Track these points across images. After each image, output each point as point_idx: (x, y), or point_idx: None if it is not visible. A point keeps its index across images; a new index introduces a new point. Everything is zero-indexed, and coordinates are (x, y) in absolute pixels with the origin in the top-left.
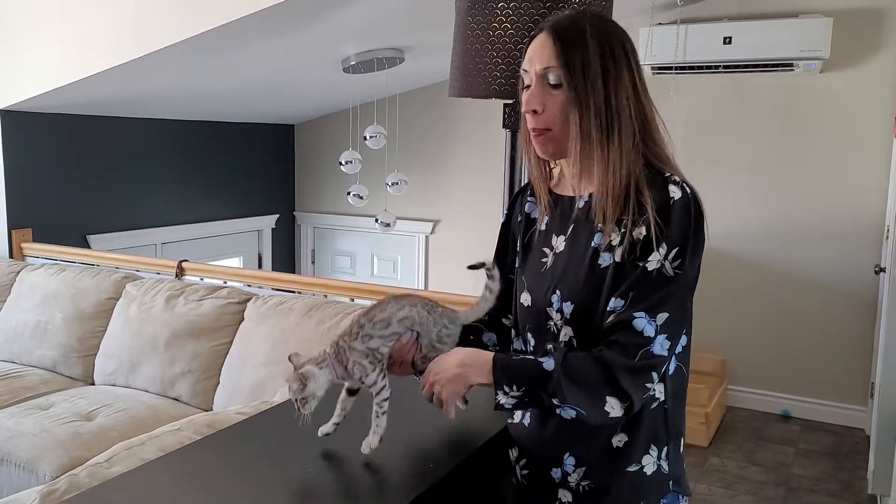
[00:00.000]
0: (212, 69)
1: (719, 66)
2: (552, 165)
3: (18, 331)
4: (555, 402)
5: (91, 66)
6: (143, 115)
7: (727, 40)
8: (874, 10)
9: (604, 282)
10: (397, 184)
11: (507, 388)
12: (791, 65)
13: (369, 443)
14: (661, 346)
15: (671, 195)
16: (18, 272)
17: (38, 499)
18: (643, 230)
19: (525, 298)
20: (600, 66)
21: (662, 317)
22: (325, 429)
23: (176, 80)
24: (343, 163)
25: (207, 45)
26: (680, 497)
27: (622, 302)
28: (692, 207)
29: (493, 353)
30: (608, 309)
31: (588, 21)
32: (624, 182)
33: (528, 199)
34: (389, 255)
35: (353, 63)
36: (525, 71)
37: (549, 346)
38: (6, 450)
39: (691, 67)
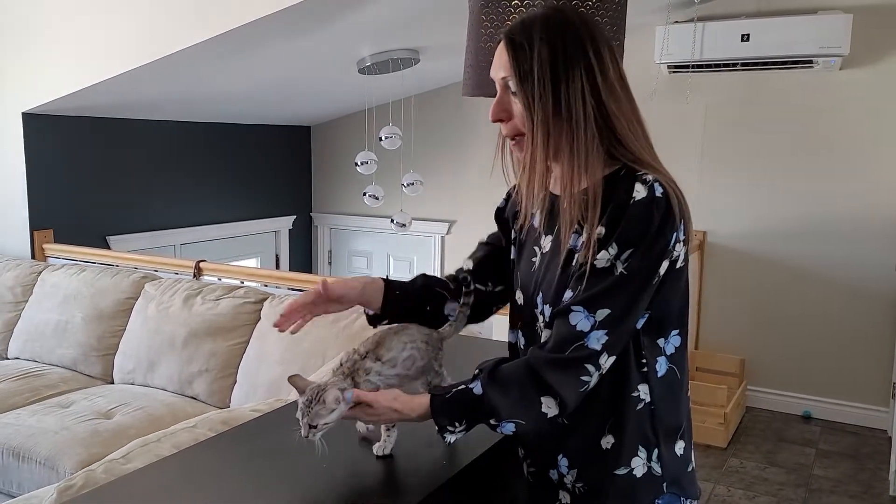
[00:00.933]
0: (229, 71)
1: (737, 63)
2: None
3: (40, 330)
4: (492, 422)
5: (111, 69)
6: (162, 118)
7: (745, 38)
8: (894, 6)
9: None
10: (413, 184)
11: (451, 428)
12: (810, 62)
13: (382, 447)
14: (596, 340)
15: (634, 194)
16: (40, 272)
17: (55, 494)
18: (601, 230)
19: (518, 296)
20: (550, 71)
21: (603, 313)
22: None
23: (194, 82)
24: (359, 163)
25: (224, 48)
26: (682, 499)
27: (569, 294)
28: (658, 206)
29: (428, 397)
30: (561, 301)
31: (541, 23)
32: (585, 184)
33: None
34: (405, 255)
35: (369, 64)
36: (492, 79)
37: (477, 371)
38: (27, 447)
39: (708, 66)
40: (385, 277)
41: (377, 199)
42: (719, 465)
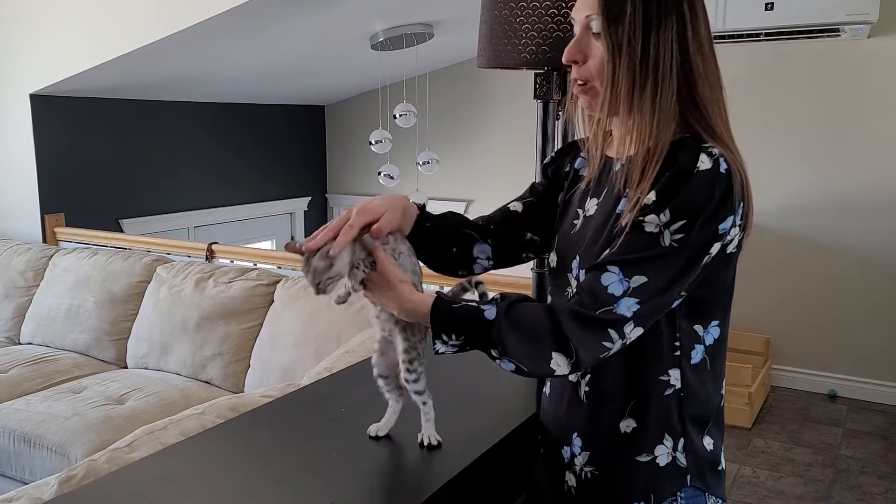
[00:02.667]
0: (240, 49)
1: (760, 33)
2: (607, 126)
3: (51, 315)
4: (494, 353)
5: (119, 47)
6: (173, 99)
7: (769, 6)
8: None
9: None
10: (428, 163)
11: (445, 337)
12: (837, 30)
13: (378, 428)
14: (627, 307)
15: (698, 164)
16: (51, 256)
17: (55, 485)
18: (653, 195)
19: (552, 259)
20: (643, 14)
21: (639, 280)
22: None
23: (205, 60)
24: (373, 142)
25: (235, 23)
26: (707, 496)
27: (606, 251)
28: (720, 183)
29: (431, 299)
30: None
31: None
32: (654, 143)
33: (582, 154)
34: None
35: (382, 40)
36: (573, 19)
37: (496, 295)
38: (39, 433)
39: (731, 36)
40: (422, 206)
41: (392, 178)
42: (744, 445)
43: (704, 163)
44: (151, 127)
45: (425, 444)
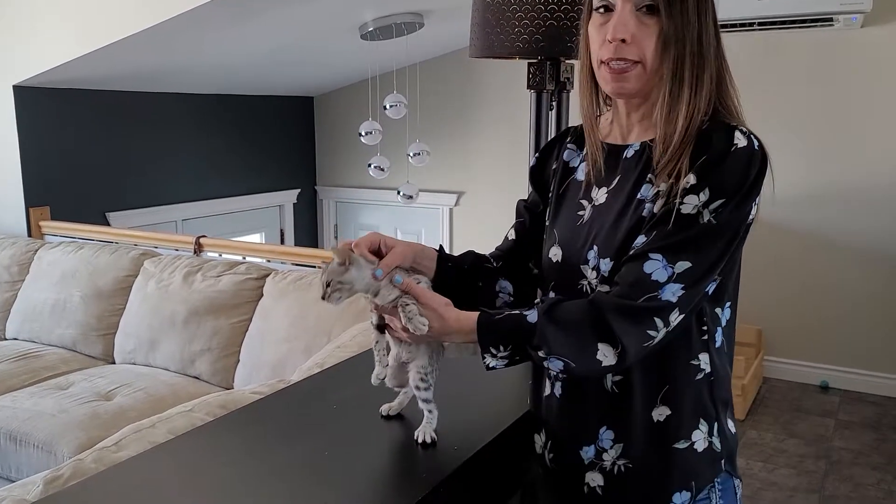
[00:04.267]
0: (228, 39)
1: (754, 23)
2: (603, 111)
3: (37, 310)
4: (541, 354)
5: (104, 37)
6: (160, 90)
7: None
8: None
9: None
10: (419, 154)
11: (493, 350)
12: (830, 20)
13: (424, 431)
14: (672, 293)
15: (735, 141)
16: (36, 251)
17: (41, 486)
18: (692, 178)
19: (555, 253)
20: None
21: (683, 265)
22: (377, 379)
23: (191, 50)
24: (363, 134)
25: (222, 13)
26: (734, 479)
27: (643, 238)
28: (755, 159)
29: (476, 314)
30: (632, 246)
31: None
32: (686, 127)
33: (569, 146)
34: (413, 228)
35: (371, 29)
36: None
37: (537, 300)
38: (25, 430)
39: (724, 25)
40: (439, 247)
41: (383, 170)
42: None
43: (741, 140)
44: (138, 118)
45: (420, 441)
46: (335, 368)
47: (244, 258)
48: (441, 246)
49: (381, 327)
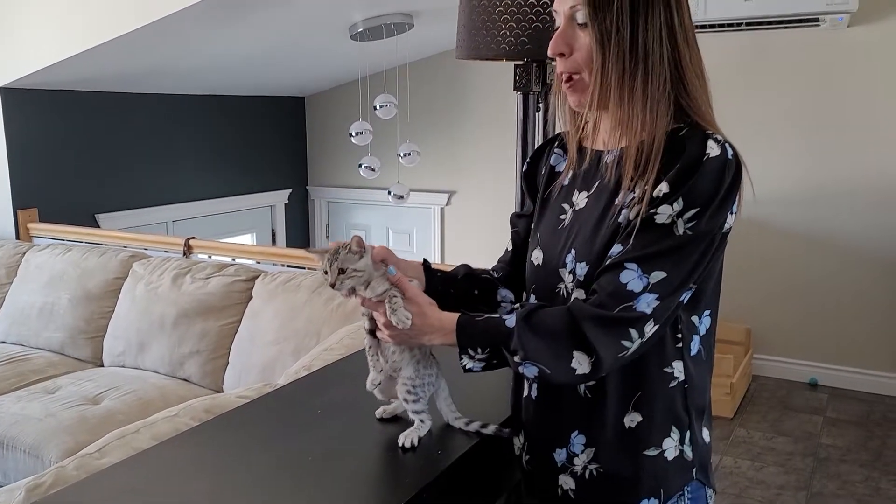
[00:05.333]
0: (218, 40)
1: (741, 23)
2: (587, 118)
3: (25, 313)
4: (517, 359)
5: (92, 38)
6: (150, 91)
7: None
8: None
9: None
10: (409, 154)
11: (471, 352)
12: (817, 20)
13: (409, 437)
14: (646, 303)
15: (707, 151)
16: (24, 253)
17: (23, 493)
18: (665, 186)
19: (536, 256)
20: (629, 4)
21: (658, 275)
22: (372, 384)
23: (180, 51)
24: (353, 134)
25: (211, 13)
26: (706, 489)
27: (619, 248)
28: (729, 169)
29: (457, 315)
30: (608, 255)
31: None
32: (651, 133)
33: (556, 150)
34: (405, 227)
35: (361, 30)
36: (555, 11)
37: (517, 304)
38: (11, 435)
39: (712, 26)
40: (423, 260)
41: (373, 170)
42: (726, 435)
43: (713, 149)
44: (127, 119)
45: (406, 446)
46: (321, 372)
47: (234, 259)
48: (424, 259)
49: (374, 332)
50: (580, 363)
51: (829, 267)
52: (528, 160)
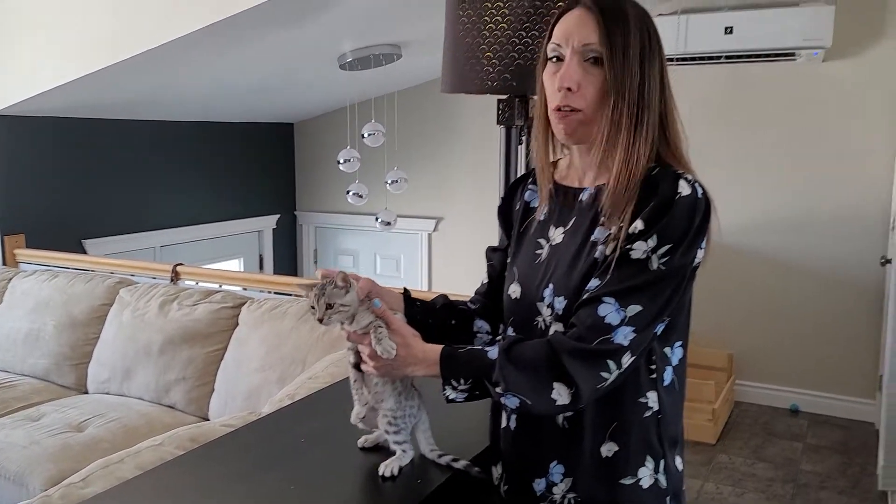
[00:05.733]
0: (208, 69)
1: (721, 56)
2: (560, 155)
3: (11, 339)
4: (498, 391)
5: (82, 67)
6: (139, 117)
7: (728, 30)
8: None
9: None
10: (397, 182)
11: (454, 383)
12: (793, 54)
13: (389, 466)
14: (624, 336)
15: (679, 190)
16: (10, 279)
17: None
18: (640, 224)
19: (514, 290)
20: (639, 49)
21: (634, 309)
22: (357, 418)
23: (170, 80)
24: (341, 161)
25: (200, 44)
26: None
27: (597, 282)
28: (699, 208)
29: (440, 347)
30: (585, 289)
31: (627, 1)
32: (634, 173)
33: (530, 186)
34: (393, 253)
35: (350, 60)
36: (558, 45)
37: (499, 337)
38: None
39: (693, 59)
40: (404, 289)
41: (361, 197)
42: (707, 461)
43: (685, 189)
44: (116, 146)
45: (386, 475)
46: (305, 401)
47: (220, 286)
48: (405, 288)
49: (359, 366)
50: (560, 394)
51: (810, 294)
52: (502, 196)
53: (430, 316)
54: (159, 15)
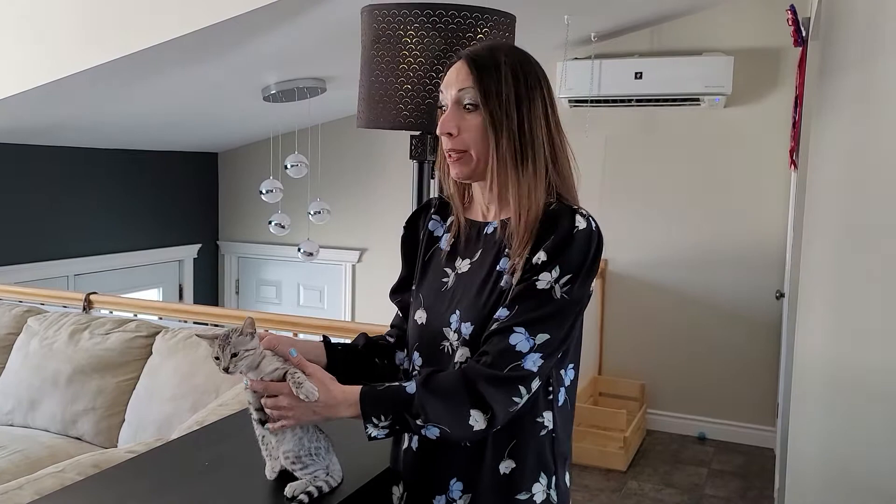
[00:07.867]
0: (129, 97)
1: (632, 99)
2: (469, 191)
3: None
4: (419, 423)
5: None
6: (56, 143)
7: (638, 75)
8: (771, 50)
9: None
10: (320, 213)
11: (375, 420)
12: (697, 99)
13: (294, 489)
14: (533, 362)
15: (576, 224)
16: None
17: None
18: (543, 255)
19: (420, 316)
20: (514, 93)
21: (542, 337)
22: (272, 472)
23: (89, 107)
24: (264, 192)
25: (121, 73)
26: None
27: (506, 312)
28: (593, 239)
29: (359, 387)
30: (493, 317)
31: (503, 51)
32: (533, 208)
33: (433, 216)
34: (316, 283)
35: (274, 92)
36: (441, 92)
37: (415, 372)
38: None
39: (606, 101)
40: (323, 337)
41: (283, 227)
42: (619, 488)
43: (581, 223)
44: (28, 171)
45: (293, 497)
46: (212, 426)
47: (135, 315)
48: (324, 336)
49: (264, 422)
50: (477, 420)
51: (714, 326)
52: (404, 227)
53: (355, 358)
54: (74, 42)
